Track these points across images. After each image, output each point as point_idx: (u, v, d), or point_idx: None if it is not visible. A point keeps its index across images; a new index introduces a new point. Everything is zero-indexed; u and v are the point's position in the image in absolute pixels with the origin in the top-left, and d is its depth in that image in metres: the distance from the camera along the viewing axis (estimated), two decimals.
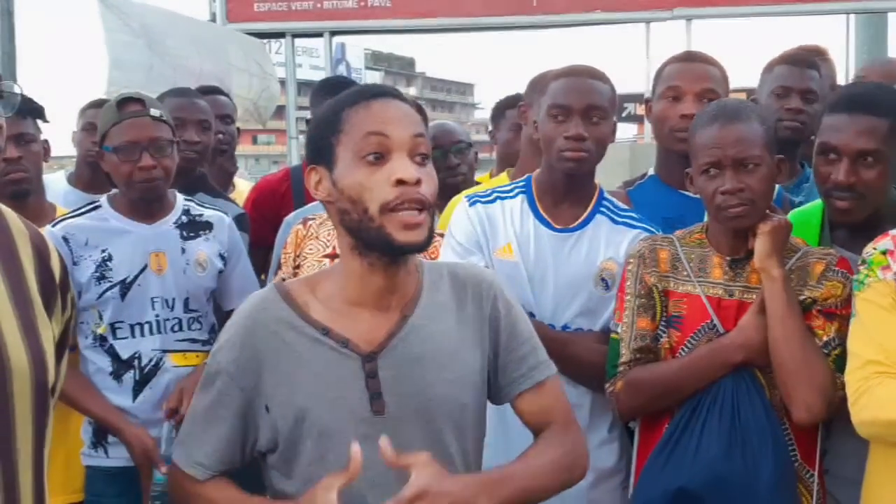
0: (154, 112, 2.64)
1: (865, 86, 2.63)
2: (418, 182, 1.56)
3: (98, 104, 3.75)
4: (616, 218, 2.44)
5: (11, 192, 2.88)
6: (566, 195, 2.43)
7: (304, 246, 2.60)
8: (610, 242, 2.40)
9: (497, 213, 2.44)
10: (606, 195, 2.49)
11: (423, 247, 1.59)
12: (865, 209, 2.18)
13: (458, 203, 2.57)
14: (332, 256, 2.52)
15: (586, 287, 2.37)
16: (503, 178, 3.12)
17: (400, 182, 1.55)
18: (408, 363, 1.63)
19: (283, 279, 2.59)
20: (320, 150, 1.63)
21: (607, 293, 2.36)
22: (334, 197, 1.61)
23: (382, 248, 1.58)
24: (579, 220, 2.42)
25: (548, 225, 2.42)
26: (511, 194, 2.48)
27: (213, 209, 2.84)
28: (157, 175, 2.61)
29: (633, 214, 2.47)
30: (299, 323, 1.63)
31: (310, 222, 2.65)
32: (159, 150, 2.61)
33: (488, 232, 2.41)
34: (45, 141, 3.12)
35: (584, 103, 2.36)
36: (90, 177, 3.76)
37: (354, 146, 1.58)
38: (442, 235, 2.51)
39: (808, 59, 3.06)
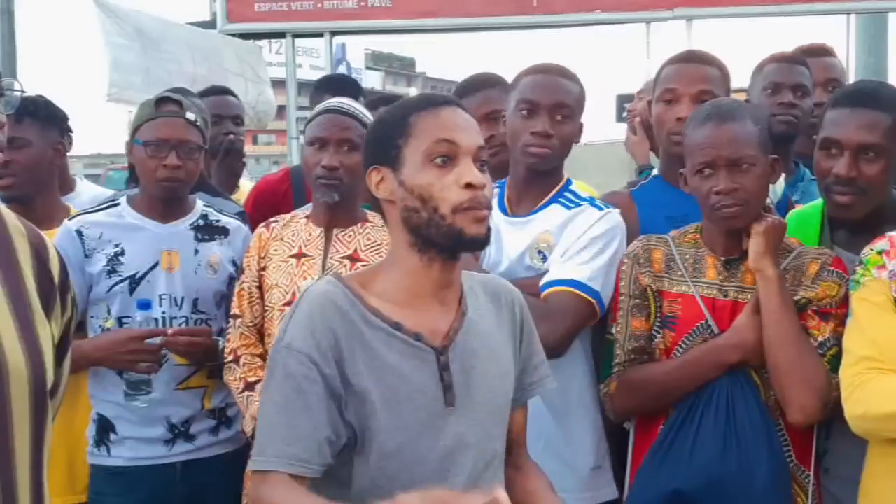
0: (189, 115, 2.68)
1: (869, 82, 2.65)
2: (483, 186, 1.64)
3: None
4: (571, 206, 2.45)
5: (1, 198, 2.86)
6: (528, 188, 2.48)
7: (268, 248, 2.60)
8: (555, 223, 2.42)
9: None
10: (572, 188, 2.50)
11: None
12: (865, 205, 2.17)
13: None
14: (299, 256, 2.55)
15: (525, 261, 2.41)
16: None
17: (469, 185, 1.62)
18: (469, 357, 1.69)
19: (243, 284, 2.62)
20: (385, 151, 1.67)
21: (545, 265, 2.39)
22: (398, 196, 1.66)
23: (448, 244, 1.64)
24: (534, 209, 2.47)
25: (504, 212, 2.48)
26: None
27: (231, 217, 2.86)
28: (181, 176, 2.65)
29: (591, 200, 2.46)
30: (371, 317, 1.64)
31: (273, 225, 2.65)
32: (187, 153, 2.65)
33: None
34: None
35: (552, 101, 2.39)
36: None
37: (424, 149, 1.63)
38: None
39: (798, 57, 3.10)
